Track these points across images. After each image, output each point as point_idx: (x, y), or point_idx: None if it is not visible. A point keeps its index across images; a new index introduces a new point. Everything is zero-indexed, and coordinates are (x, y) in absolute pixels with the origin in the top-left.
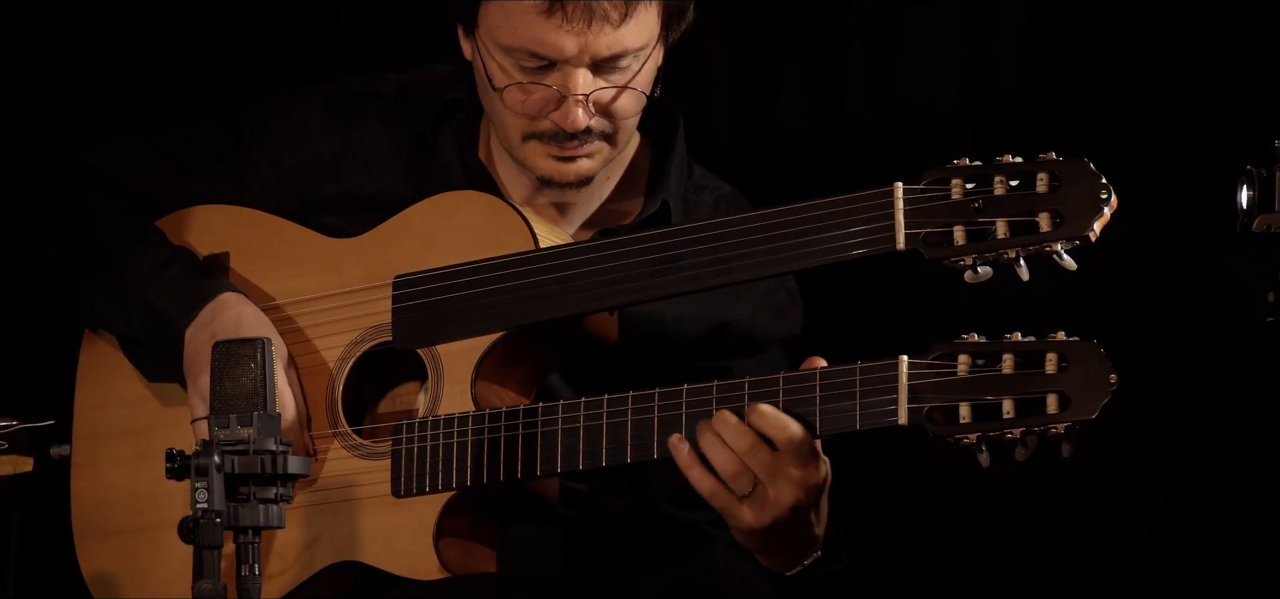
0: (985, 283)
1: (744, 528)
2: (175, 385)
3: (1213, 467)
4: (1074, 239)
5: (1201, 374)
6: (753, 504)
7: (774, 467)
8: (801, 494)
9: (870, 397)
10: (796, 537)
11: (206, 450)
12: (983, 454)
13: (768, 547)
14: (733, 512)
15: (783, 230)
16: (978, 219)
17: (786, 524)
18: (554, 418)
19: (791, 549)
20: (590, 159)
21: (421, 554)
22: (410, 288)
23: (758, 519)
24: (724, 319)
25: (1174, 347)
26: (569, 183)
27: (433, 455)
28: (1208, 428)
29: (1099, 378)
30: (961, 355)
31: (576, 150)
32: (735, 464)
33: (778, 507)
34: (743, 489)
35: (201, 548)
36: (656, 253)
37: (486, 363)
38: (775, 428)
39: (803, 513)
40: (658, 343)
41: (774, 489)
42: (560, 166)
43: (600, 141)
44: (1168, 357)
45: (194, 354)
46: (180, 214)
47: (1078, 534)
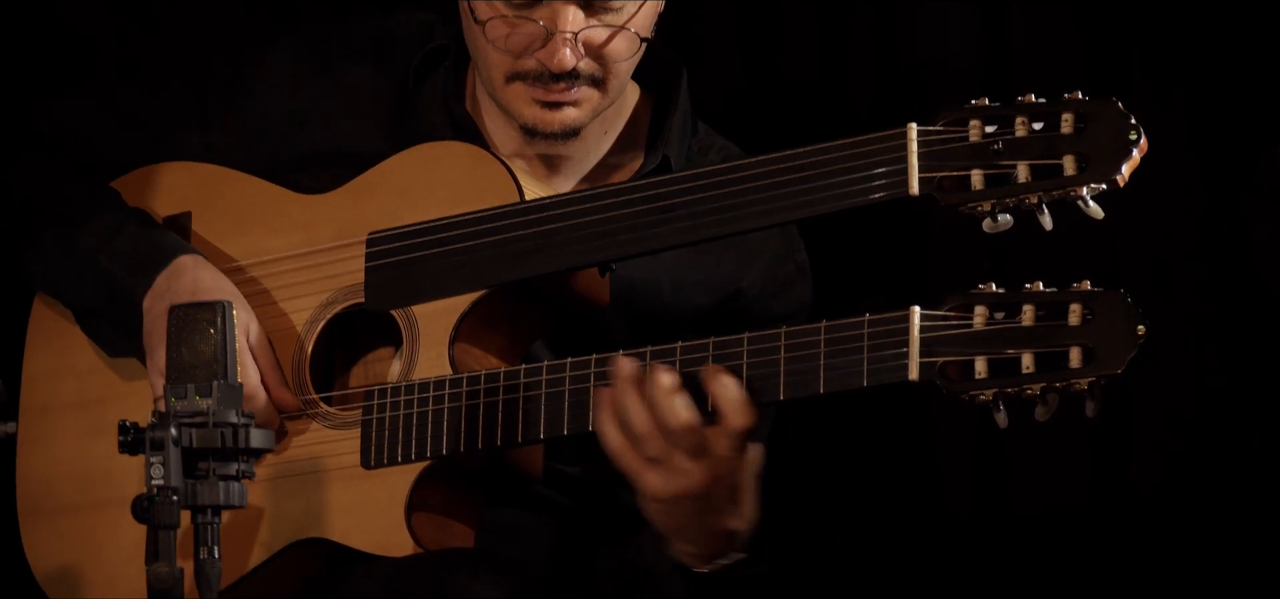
0: (1005, 232)
1: (650, 495)
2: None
3: (1241, 436)
4: (1101, 183)
5: (1229, 338)
6: (661, 471)
7: (700, 444)
8: (719, 474)
9: (879, 350)
10: (710, 525)
11: (162, 423)
12: (1000, 413)
13: (677, 527)
14: (638, 475)
15: (787, 177)
16: (997, 162)
17: (698, 506)
18: (537, 380)
19: (703, 539)
20: (577, 107)
21: (392, 529)
22: (384, 245)
23: (664, 487)
24: (727, 289)
25: (1199, 308)
26: (553, 133)
27: (406, 424)
28: (1236, 395)
29: (1126, 330)
30: (978, 306)
31: (562, 95)
32: (646, 425)
33: (691, 480)
34: (650, 453)
35: (156, 528)
36: (651, 203)
37: (466, 325)
38: (730, 405)
39: (720, 500)
40: (652, 310)
41: (691, 462)
42: (544, 114)
43: (589, 87)
44: (1193, 318)
45: (151, 326)
46: (138, 173)
47: (1097, 507)
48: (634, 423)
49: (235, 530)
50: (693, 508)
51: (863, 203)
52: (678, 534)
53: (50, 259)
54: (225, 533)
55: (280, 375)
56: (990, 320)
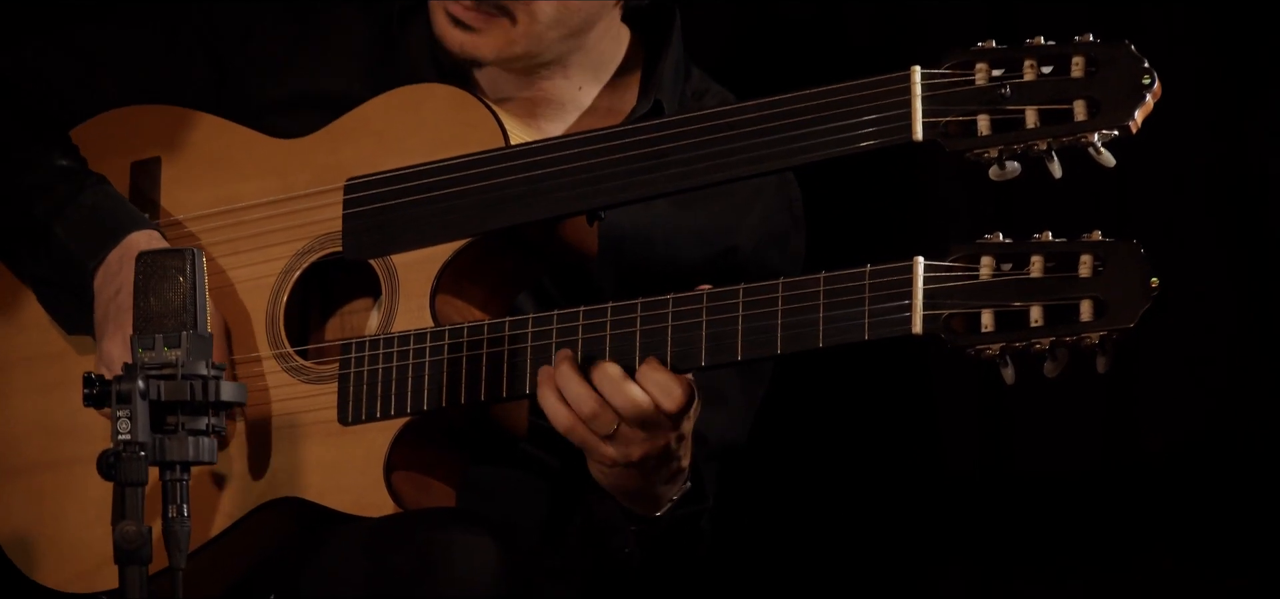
0: (1012, 180)
1: (607, 462)
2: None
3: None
4: (1113, 129)
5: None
6: (617, 442)
7: (648, 416)
8: (677, 432)
9: (881, 303)
10: (663, 472)
11: (129, 375)
12: (1007, 368)
13: (629, 485)
14: (592, 448)
15: (785, 121)
16: (1005, 107)
17: (656, 461)
18: (523, 333)
19: (654, 487)
20: (480, 34)
21: (371, 488)
22: (363, 191)
23: (624, 455)
24: (721, 243)
25: (1215, 259)
26: (456, 54)
27: (385, 378)
28: (1252, 348)
29: (1139, 282)
30: (984, 257)
31: (464, 13)
32: (592, 404)
33: (647, 446)
34: (604, 430)
35: (123, 485)
36: (643, 148)
37: (448, 275)
38: (661, 393)
39: (673, 451)
40: (642, 263)
41: (646, 432)
42: (451, 32)
43: (496, 15)
44: (1208, 269)
45: (102, 311)
46: (105, 117)
47: (1105, 464)
48: (580, 406)
49: (206, 489)
50: (651, 467)
51: (864, 149)
52: (629, 495)
53: (2, 226)
54: (195, 491)
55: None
56: (997, 271)
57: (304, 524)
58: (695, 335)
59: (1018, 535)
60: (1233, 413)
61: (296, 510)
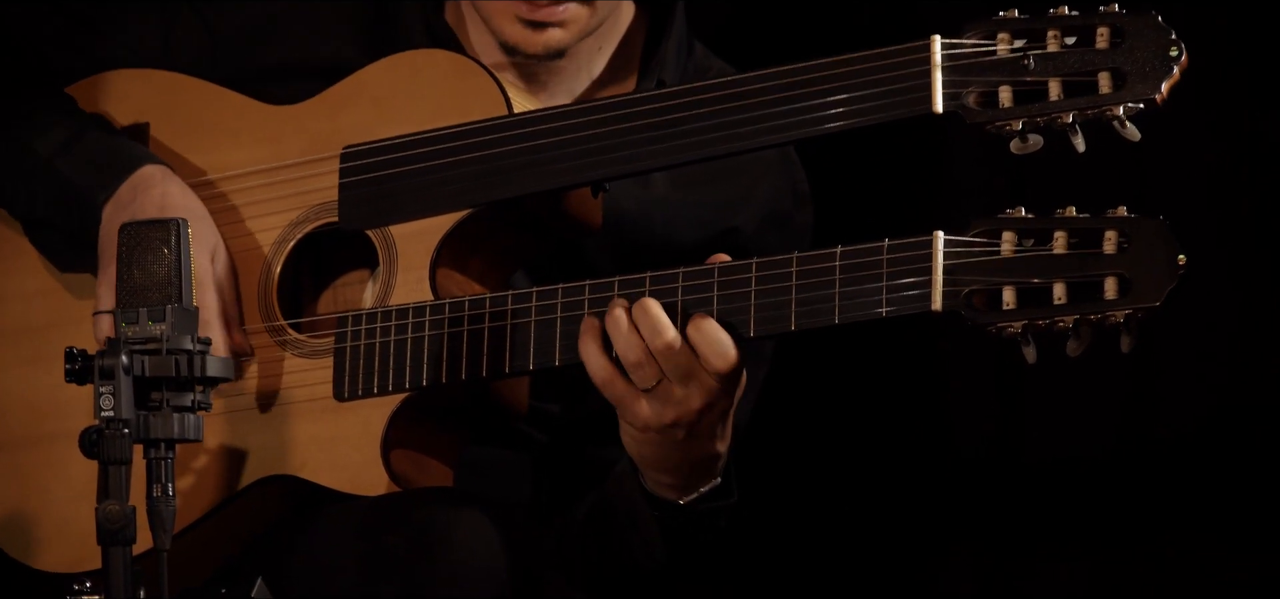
0: (1035, 153)
1: (639, 425)
2: (85, 276)
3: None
4: (1139, 102)
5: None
6: (654, 400)
7: (690, 369)
8: (714, 402)
9: (900, 278)
10: (696, 452)
11: (112, 350)
12: (1029, 346)
13: (660, 459)
14: (628, 405)
15: (799, 91)
16: (1027, 78)
17: (688, 432)
18: (527, 306)
19: (687, 468)
20: (563, 28)
21: (366, 466)
22: (360, 160)
23: (656, 417)
24: (722, 225)
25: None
26: (536, 54)
27: (382, 352)
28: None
29: (1165, 260)
30: (1006, 232)
31: (547, 14)
32: (639, 352)
33: (683, 409)
34: (645, 382)
35: (106, 464)
36: (649, 118)
37: (447, 247)
38: (714, 352)
39: (710, 425)
40: (642, 243)
41: (684, 390)
42: (527, 34)
43: (577, 4)
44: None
45: (109, 239)
46: (90, 81)
47: (1117, 448)
48: (626, 351)
49: (193, 466)
50: (683, 435)
51: (881, 120)
52: (660, 465)
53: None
54: (183, 470)
55: (238, 314)
56: (1019, 247)
57: (296, 504)
58: (706, 311)
59: (1028, 520)
60: (1247, 398)
61: (288, 489)
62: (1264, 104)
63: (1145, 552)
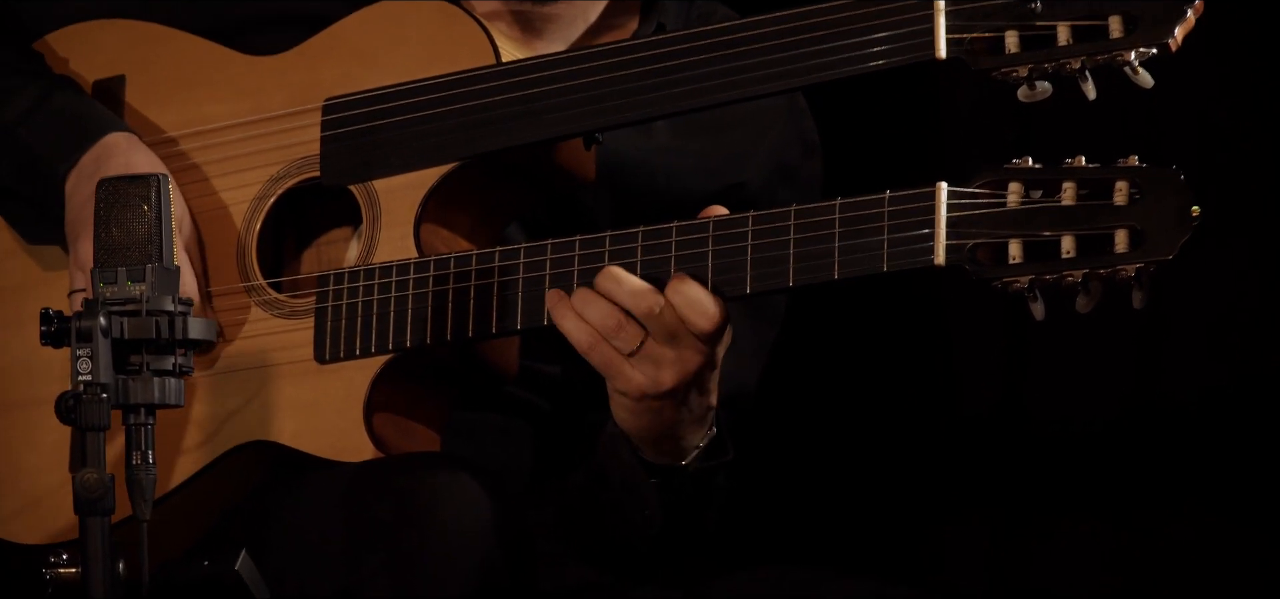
0: (1043, 101)
1: (633, 393)
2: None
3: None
4: (1151, 47)
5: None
6: (645, 363)
7: (676, 324)
8: (706, 357)
9: (902, 231)
10: (695, 406)
11: (90, 311)
12: (1036, 302)
13: (656, 425)
14: (617, 371)
15: (799, 37)
16: (1035, 23)
17: (687, 388)
18: (515, 264)
19: (683, 428)
20: None
21: (349, 431)
22: (343, 112)
23: (653, 381)
24: (728, 178)
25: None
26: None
27: (366, 312)
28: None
29: (1178, 211)
30: (1012, 183)
31: None
32: (614, 317)
33: (681, 368)
34: (628, 345)
35: (83, 430)
36: (645, 65)
37: (433, 202)
38: (697, 313)
39: (704, 379)
40: (642, 194)
41: (676, 349)
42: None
43: None
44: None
45: (75, 212)
46: (63, 33)
47: (1131, 413)
48: (601, 321)
49: (170, 432)
50: (681, 397)
51: (883, 67)
52: (655, 432)
53: None
54: (160, 435)
55: (205, 288)
56: (1026, 199)
57: (277, 470)
58: (701, 266)
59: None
60: (1262, 358)
61: (269, 455)
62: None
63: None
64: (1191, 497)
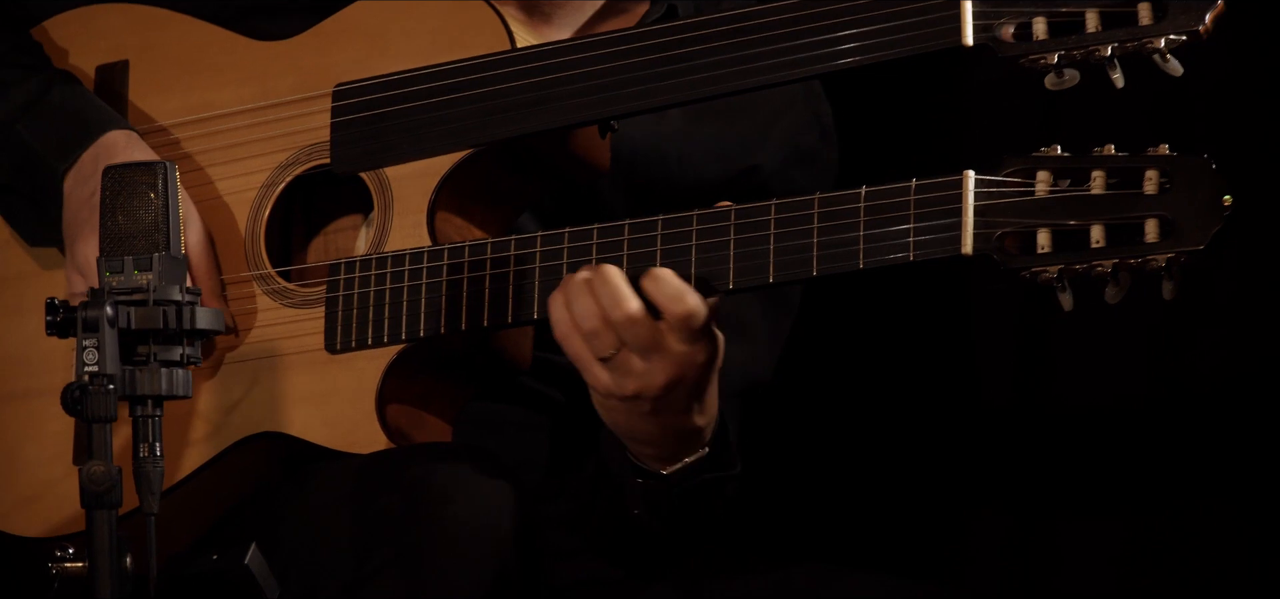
0: (1071, 89)
1: (600, 390)
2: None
3: None
4: (1181, 34)
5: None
6: (613, 370)
7: (652, 339)
8: (681, 374)
9: (928, 220)
10: (670, 425)
11: (96, 300)
12: (1065, 293)
13: (628, 428)
14: (587, 369)
15: (818, 23)
16: (1062, 9)
17: (654, 406)
18: (530, 252)
19: (662, 439)
20: None
21: (360, 422)
22: (354, 97)
23: (617, 386)
24: (743, 162)
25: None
26: None
27: (377, 301)
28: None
29: (1210, 200)
30: (1041, 171)
31: None
32: (594, 320)
33: (645, 383)
34: (601, 351)
35: (90, 422)
36: (660, 52)
37: (446, 190)
38: (668, 298)
39: (680, 400)
40: (656, 183)
41: (646, 362)
42: None
43: None
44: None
45: (73, 213)
46: (66, 16)
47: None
48: (581, 318)
49: (177, 423)
50: (649, 408)
51: (907, 54)
52: (630, 434)
53: None
54: (166, 426)
55: (219, 284)
56: (1055, 187)
57: (286, 462)
58: (722, 255)
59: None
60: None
61: (277, 447)
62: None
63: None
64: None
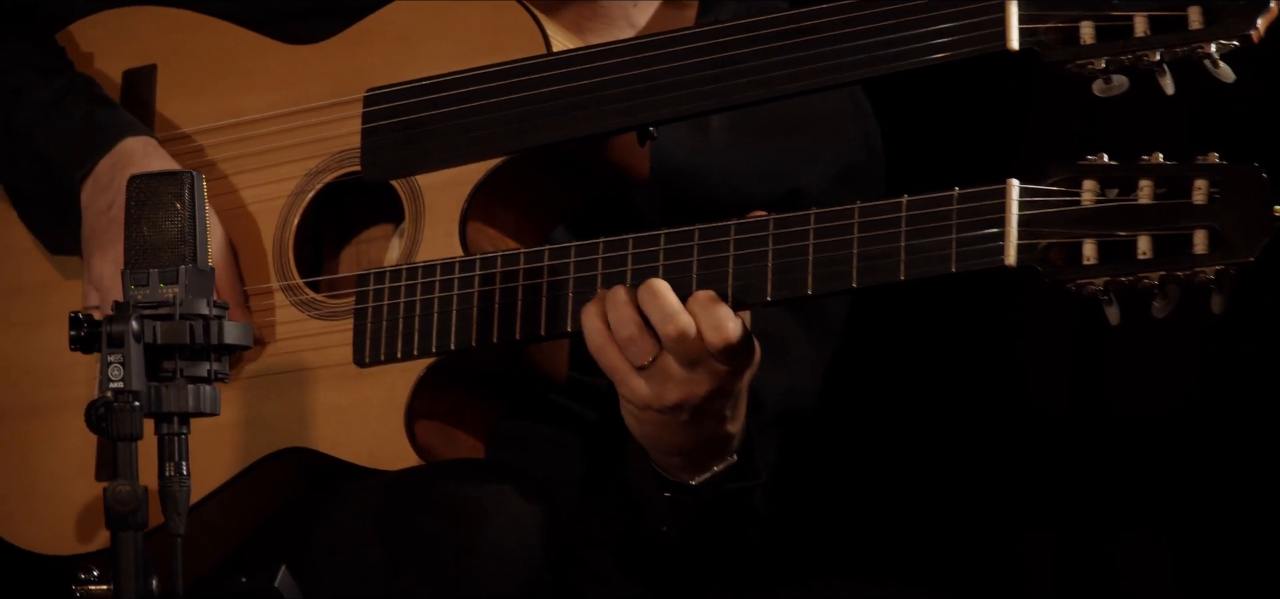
0: (1119, 96)
1: (637, 402)
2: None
3: None
4: (1232, 39)
5: None
6: (651, 378)
7: (699, 351)
8: (720, 385)
9: (971, 230)
10: (703, 433)
11: (121, 314)
12: (1111, 306)
13: (659, 439)
14: (622, 378)
15: (865, 27)
16: (1111, 13)
17: (693, 413)
18: (564, 263)
19: (692, 449)
20: None
21: (390, 438)
22: (385, 103)
23: (655, 397)
24: (788, 184)
25: None
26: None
27: (408, 313)
28: None
29: (1260, 210)
30: (1087, 180)
31: None
32: (630, 327)
33: (689, 390)
34: (638, 358)
35: (114, 440)
36: (701, 56)
37: (479, 198)
38: (709, 327)
39: (717, 408)
40: (696, 199)
41: (690, 371)
42: None
43: None
44: None
45: (91, 226)
46: (93, 19)
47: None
48: (618, 326)
49: (202, 438)
50: (687, 418)
51: (951, 58)
52: (659, 445)
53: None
54: (191, 440)
55: (242, 296)
56: (1101, 197)
57: (313, 479)
58: (760, 266)
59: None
60: None
61: (304, 464)
62: None
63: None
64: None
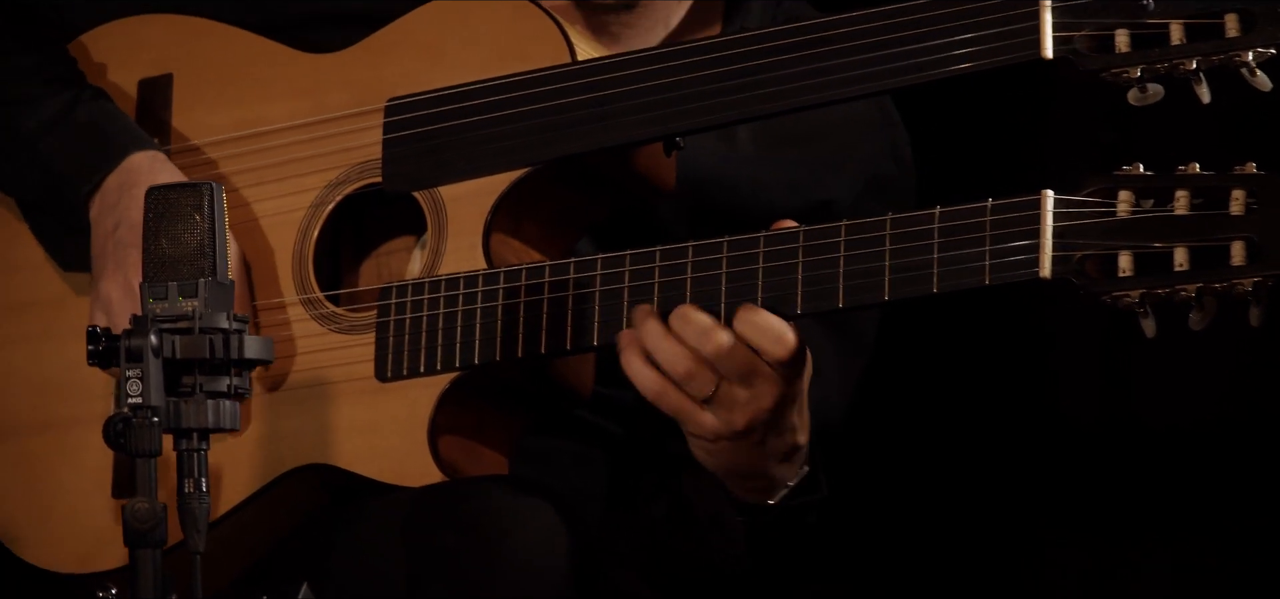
0: (1154, 104)
1: (708, 436)
2: None
3: None
4: (1269, 47)
5: None
6: (718, 408)
7: (750, 364)
8: (782, 392)
9: (1005, 242)
10: (776, 447)
11: (140, 329)
12: (1148, 318)
13: (738, 465)
14: (690, 418)
15: (895, 34)
16: (1147, 20)
17: (764, 430)
18: (591, 276)
19: (768, 467)
20: None
21: (412, 453)
22: (407, 113)
23: (727, 425)
24: (817, 196)
25: None
26: (608, 3)
27: (430, 327)
28: None
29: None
30: (1122, 191)
31: None
32: (686, 362)
33: (755, 409)
34: (701, 392)
35: (133, 456)
36: (729, 64)
37: (503, 210)
38: (770, 340)
39: (785, 419)
40: (724, 212)
41: (749, 389)
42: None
43: None
44: None
45: (100, 246)
46: (109, 28)
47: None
48: (671, 365)
49: (221, 454)
50: (760, 436)
51: (984, 67)
52: (738, 471)
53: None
54: (210, 456)
55: (251, 310)
56: (1137, 208)
57: (333, 496)
58: (790, 279)
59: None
60: None
61: (325, 480)
62: None
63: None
64: None
